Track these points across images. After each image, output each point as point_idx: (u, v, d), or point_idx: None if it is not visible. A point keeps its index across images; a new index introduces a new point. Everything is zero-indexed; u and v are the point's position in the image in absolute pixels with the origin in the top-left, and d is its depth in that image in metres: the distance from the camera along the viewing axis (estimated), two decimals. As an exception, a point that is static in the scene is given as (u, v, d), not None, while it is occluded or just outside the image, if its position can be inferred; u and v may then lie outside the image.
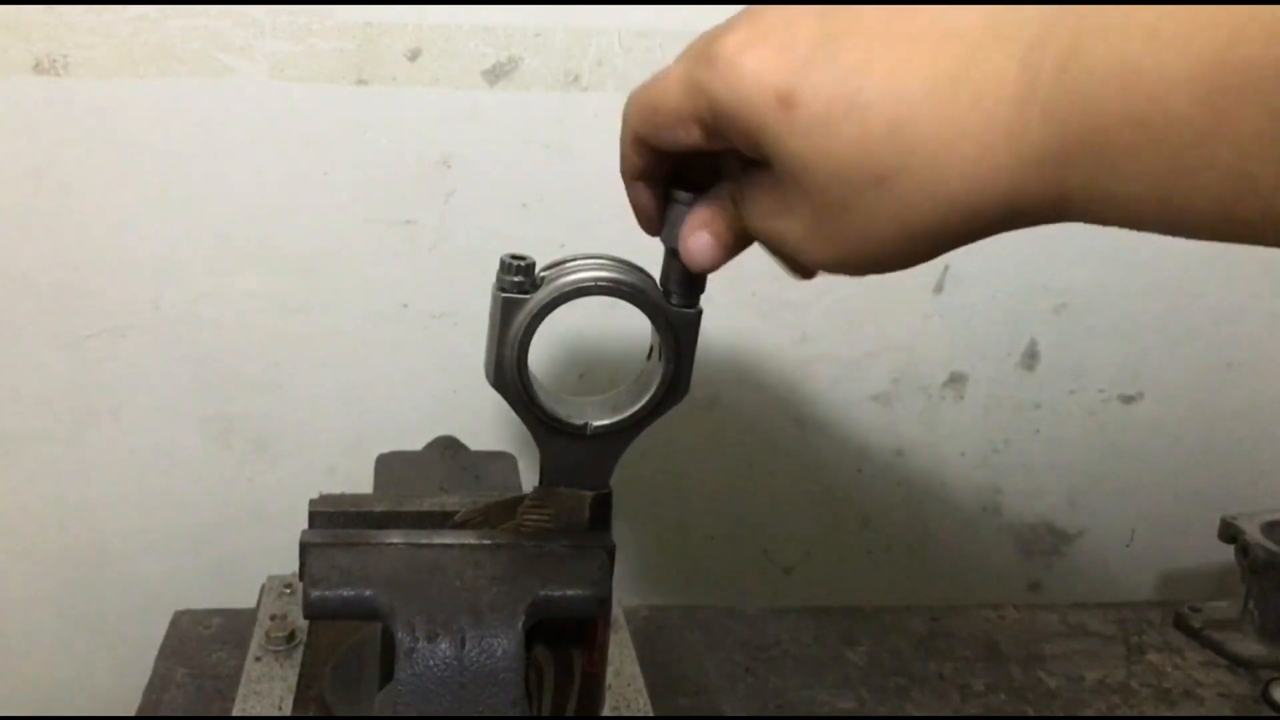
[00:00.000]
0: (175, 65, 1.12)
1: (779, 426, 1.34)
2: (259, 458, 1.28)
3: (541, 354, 1.17)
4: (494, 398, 0.75)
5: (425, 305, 1.24)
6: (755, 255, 1.25)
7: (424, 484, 0.88)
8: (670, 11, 1.17)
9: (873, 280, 1.26)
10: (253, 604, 1.06)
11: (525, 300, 0.73)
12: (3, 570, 1.29)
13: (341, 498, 0.79)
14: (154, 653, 1.11)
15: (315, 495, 0.80)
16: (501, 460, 0.95)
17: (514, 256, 0.73)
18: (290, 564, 0.94)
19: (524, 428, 0.76)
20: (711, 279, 0.76)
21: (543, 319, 0.73)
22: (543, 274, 0.74)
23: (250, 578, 1.12)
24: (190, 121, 1.15)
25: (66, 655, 1.32)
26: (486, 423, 1.26)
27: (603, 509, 0.78)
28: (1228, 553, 1.20)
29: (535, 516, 0.77)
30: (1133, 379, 1.38)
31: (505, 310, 0.73)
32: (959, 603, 1.24)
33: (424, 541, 0.74)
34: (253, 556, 1.29)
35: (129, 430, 1.25)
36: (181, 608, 1.17)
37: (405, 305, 1.24)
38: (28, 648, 1.32)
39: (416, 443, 1.05)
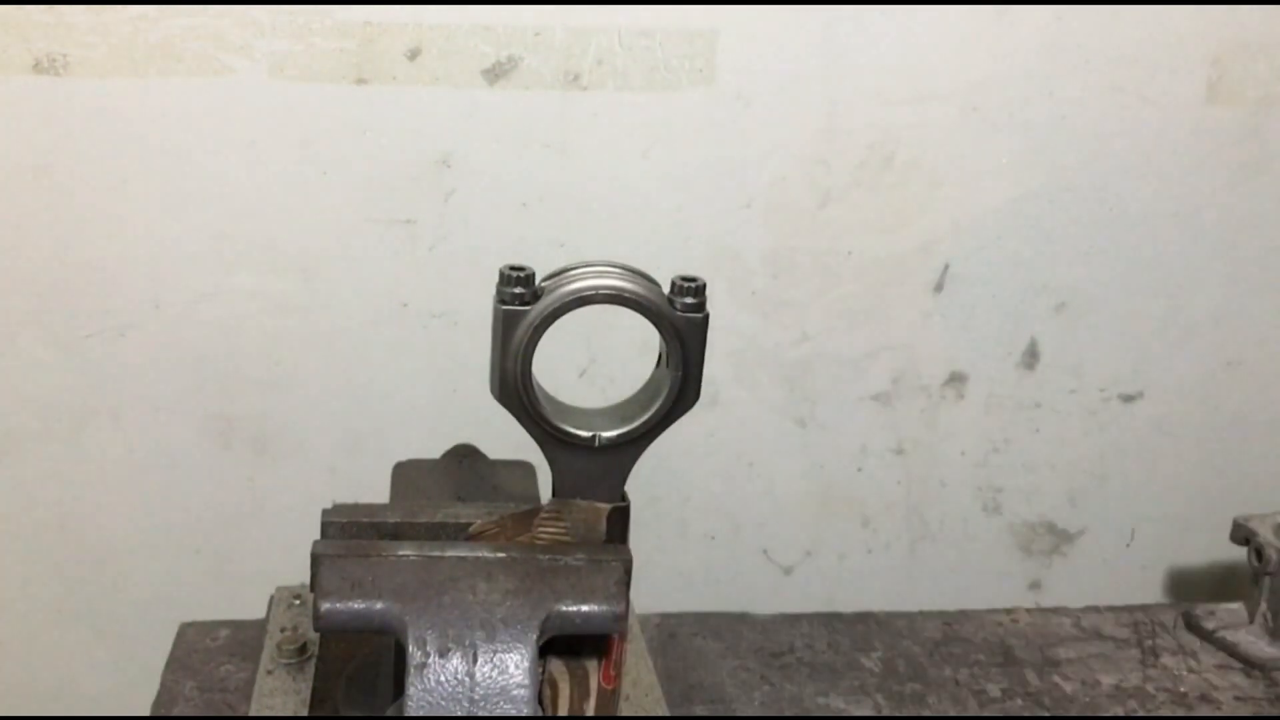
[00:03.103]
0: (175, 65, 1.12)
1: (779, 426, 1.34)
2: (259, 457, 1.27)
3: (541, 352, 1.17)
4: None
5: (425, 305, 1.24)
6: (756, 253, 1.25)
7: (440, 493, 0.87)
8: (670, 11, 1.16)
9: (873, 279, 1.27)
10: (252, 603, 1.06)
11: (526, 312, 0.72)
12: (2, 570, 1.28)
13: (355, 507, 0.78)
14: (153, 652, 1.10)
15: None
16: (519, 469, 0.95)
17: (513, 268, 0.72)
18: (289, 562, 0.94)
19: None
20: (711, 278, 0.75)
21: (545, 330, 0.73)
22: (544, 283, 0.73)
23: (249, 576, 1.12)
24: (190, 121, 1.14)
25: (66, 655, 1.32)
26: (487, 422, 1.25)
27: (620, 521, 0.77)
28: (1229, 551, 1.19)
29: (551, 529, 0.76)
30: (1133, 378, 1.38)
31: (506, 322, 0.72)
32: (963, 604, 1.23)
33: (437, 554, 0.73)
34: (252, 555, 1.29)
35: (129, 430, 1.24)
36: (180, 606, 1.17)
37: (405, 305, 1.24)
38: (28, 648, 1.31)
39: (416, 442, 1.05)
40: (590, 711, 0.77)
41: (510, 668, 0.68)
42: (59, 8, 1.09)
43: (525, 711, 0.68)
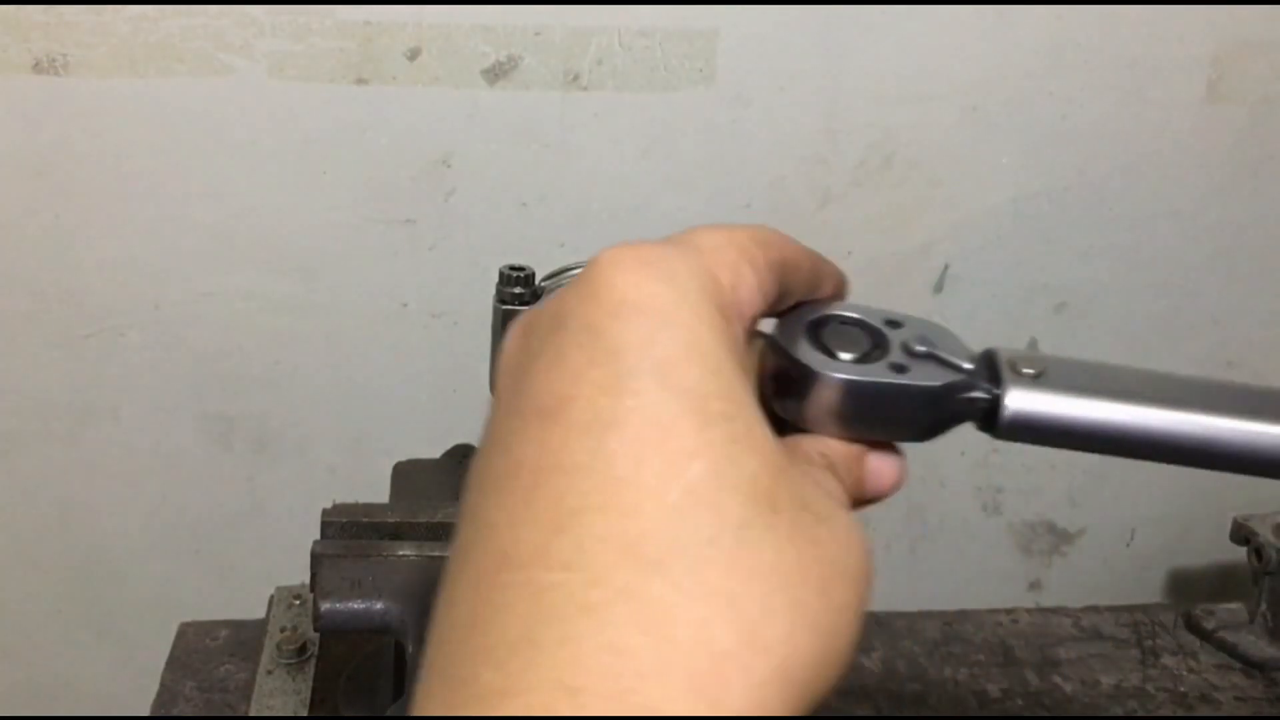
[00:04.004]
0: (175, 65, 1.12)
1: (779, 426, 1.34)
2: (259, 457, 1.27)
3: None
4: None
5: (425, 305, 1.24)
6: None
7: (440, 493, 0.87)
8: (670, 11, 1.16)
9: (873, 280, 1.27)
10: (252, 602, 1.06)
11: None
12: (2, 570, 1.28)
13: (355, 507, 0.78)
14: (153, 652, 1.10)
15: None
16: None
17: (512, 268, 0.72)
18: (289, 562, 0.94)
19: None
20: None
21: None
22: (543, 283, 0.73)
23: (249, 576, 1.12)
24: (190, 121, 1.14)
25: (66, 655, 1.32)
26: (487, 422, 1.25)
27: None
28: (1229, 551, 1.19)
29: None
30: (1132, 378, 1.38)
31: (506, 322, 0.72)
32: (962, 604, 1.23)
33: (437, 554, 0.74)
34: (252, 555, 1.29)
35: (129, 430, 1.24)
36: (180, 606, 1.17)
37: (405, 305, 1.24)
38: (27, 648, 1.31)
39: (416, 442, 1.05)
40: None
41: None
42: (59, 8, 1.09)
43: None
